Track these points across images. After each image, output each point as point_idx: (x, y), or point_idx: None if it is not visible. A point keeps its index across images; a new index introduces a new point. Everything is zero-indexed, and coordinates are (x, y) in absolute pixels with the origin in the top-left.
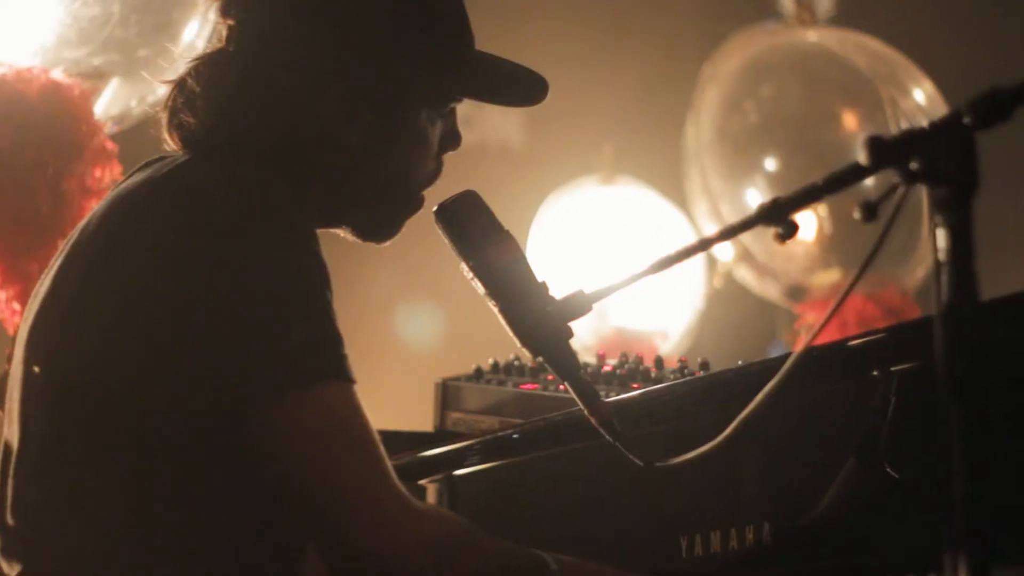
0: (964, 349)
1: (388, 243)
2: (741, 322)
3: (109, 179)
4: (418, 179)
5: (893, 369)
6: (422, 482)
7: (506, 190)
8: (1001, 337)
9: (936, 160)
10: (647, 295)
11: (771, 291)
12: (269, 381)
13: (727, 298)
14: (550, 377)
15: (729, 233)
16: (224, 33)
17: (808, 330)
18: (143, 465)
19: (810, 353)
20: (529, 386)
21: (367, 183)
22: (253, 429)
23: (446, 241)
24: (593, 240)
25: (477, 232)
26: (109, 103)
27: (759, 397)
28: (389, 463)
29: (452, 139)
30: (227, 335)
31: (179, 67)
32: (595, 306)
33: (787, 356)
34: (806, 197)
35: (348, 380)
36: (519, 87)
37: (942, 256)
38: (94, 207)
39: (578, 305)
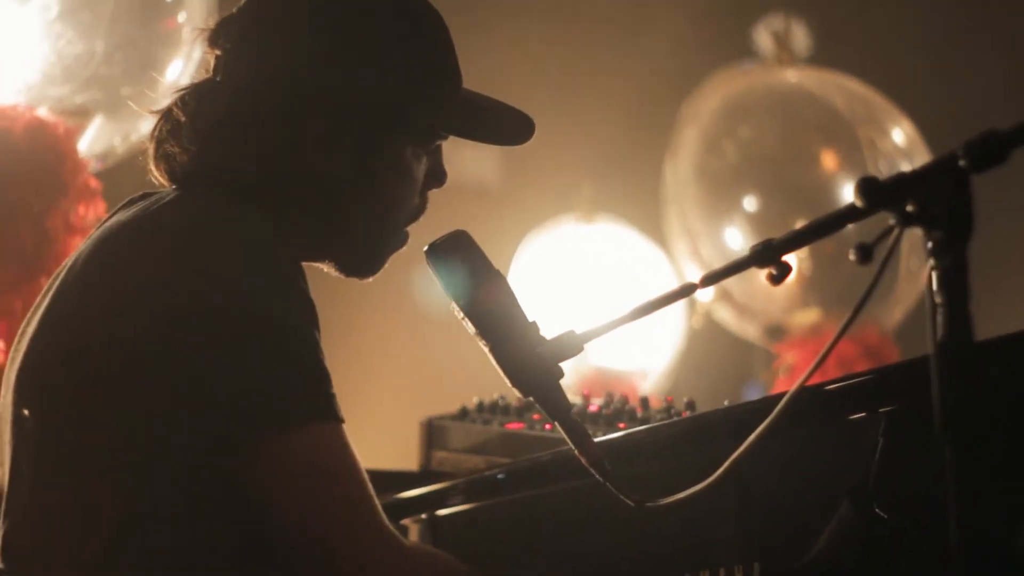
0: (959, 390)
1: (371, 279)
2: (720, 361)
3: (93, 217)
4: (401, 215)
5: (882, 410)
6: (404, 521)
7: (485, 228)
8: (995, 378)
9: (932, 203)
10: (627, 334)
11: (750, 331)
12: (258, 422)
13: (706, 338)
14: (536, 416)
15: (722, 275)
16: (211, 64)
17: (786, 370)
18: (135, 511)
19: (801, 394)
20: (515, 425)
21: (350, 217)
22: (242, 470)
23: (436, 280)
24: (573, 278)
25: (468, 272)
26: (93, 141)
27: (752, 437)
28: (377, 502)
29: (437, 176)
30: (216, 376)
31: (163, 104)
32: None
33: (776, 397)
34: (799, 239)
35: (336, 419)
36: (505, 126)
37: (937, 298)
38: (79, 245)
39: (569, 345)
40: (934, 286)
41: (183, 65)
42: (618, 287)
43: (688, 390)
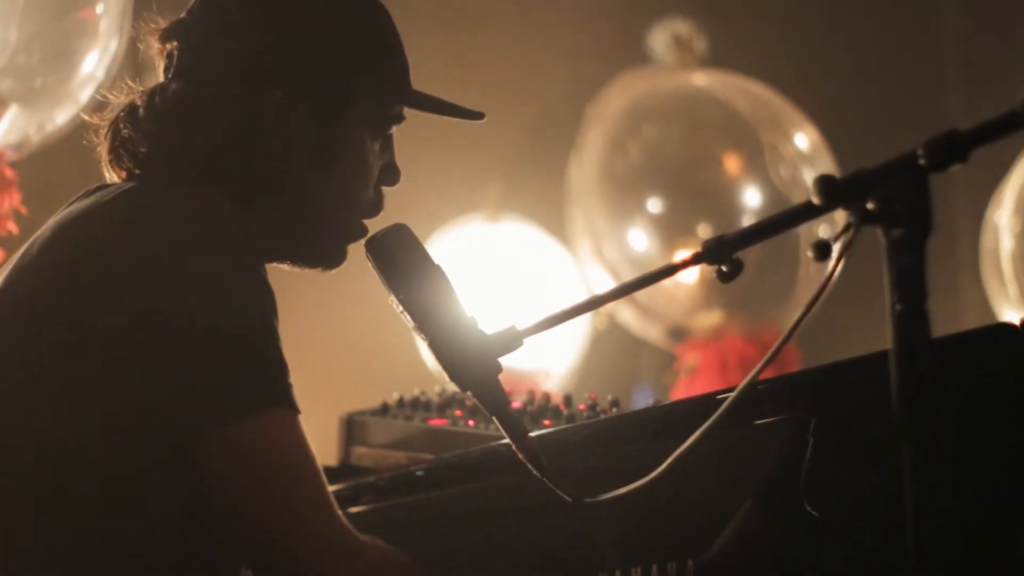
0: (917, 389)
1: (334, 271)
2: (623, 362)
3: (8, 207)
4: (359, 203)
5: (813, 410)
6: None
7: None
8: (951, 376)
9: (891, 201)
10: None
11: (653, 333)
12: (215, 408)
13: (610, 338)
14: (458, 413)
15: (669, 271)
16: (163, 63)
17: (688, 371)
18: (84, 498)
19: (744, 393)
20: (437, 422)
21: (310, 201)
22: (198, 457)
23: (376, 274)
24: (479, 278)
25: (408, 265)
26: (7, 130)
27: (698, 433)
28: (331, 494)
29: (391, 172)
30: (174, 361)
31: (80, 98)
32: None
33: (717, 394)
34: (752, 236)
35: (294, 409)
36: (455, 105)
37: (895, 297)
38: (37, 232)
39: (508, 341)
40: (893, 285)
41: (99, 56)
42: (524, 287)
43: (591, 390)
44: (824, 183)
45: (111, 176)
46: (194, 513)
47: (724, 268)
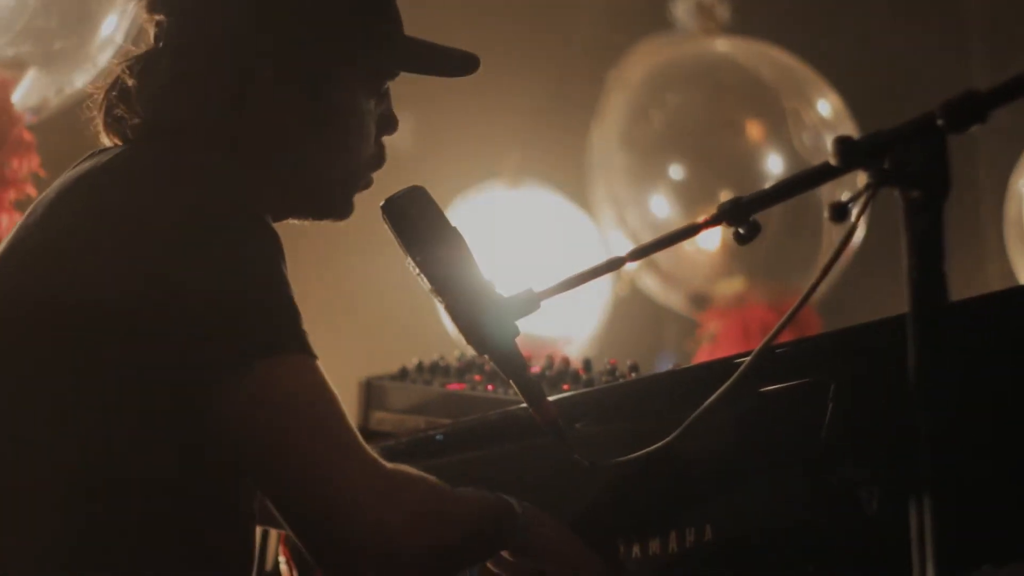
0: (934, 352)
1: (344, 221)
2: (644, 329)
3: (27, 170)
4: (358, 160)
5: (831, 375)
6: None
7: None
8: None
9: (909, 162)
10: (553, 300)
11: (674, 300)
12: (234, 353)
13: (631, 305)
14: (477, 377)
15: (686, 233)
16: (152, 31)
17: (710, 339)
18: (101, 449)
19: (761, 356)
20: (456, 386)
21: (307, 165)
22: (220, 406)
23: (393, 236)
24: (499, 243)
25: (425, 227)
26: (26, 94)
27: (712, 398)
28: (357, 432)
29: (389, 122)
30: (185, 316)
31: (99, 61)
32: None
33: (735, 358)
34: (769, 197)
35: (309, 354)
36: (451, 60)
37: (912, 258)
38: (40, 196)
39: (526, 304)
40: (910, 246)
41: (117, 20)
42: (545, 253)
43: (613, 356)
44: (841, 144)
45: (110, 140)
46: (216, 474)
47: (741, 230)
